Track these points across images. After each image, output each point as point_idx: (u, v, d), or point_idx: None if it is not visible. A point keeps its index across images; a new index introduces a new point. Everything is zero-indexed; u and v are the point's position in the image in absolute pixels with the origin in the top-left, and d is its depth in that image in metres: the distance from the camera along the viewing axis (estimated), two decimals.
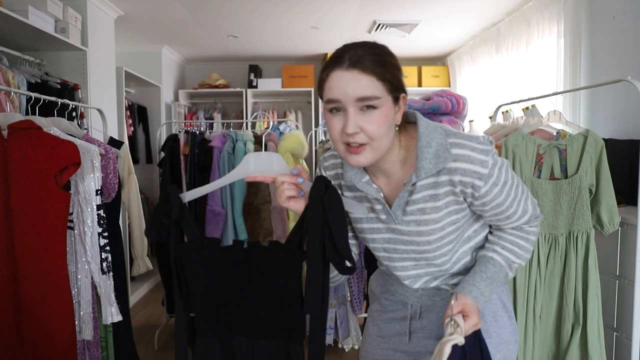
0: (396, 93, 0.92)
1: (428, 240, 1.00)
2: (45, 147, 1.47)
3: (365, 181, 1.01)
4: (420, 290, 1.09)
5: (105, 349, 1.78)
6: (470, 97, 3.32)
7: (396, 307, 1.15)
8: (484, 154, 0.92)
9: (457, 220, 0.99)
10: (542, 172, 1.80)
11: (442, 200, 0.96)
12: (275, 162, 0.95)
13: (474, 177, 0.92)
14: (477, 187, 0.93)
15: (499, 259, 1.02)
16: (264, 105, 5.38)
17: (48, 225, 1.49)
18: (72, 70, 2.86)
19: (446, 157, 0.92)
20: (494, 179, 0.93)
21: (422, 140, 0.94)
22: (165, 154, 2.82)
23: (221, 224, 2.60)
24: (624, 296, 1.76)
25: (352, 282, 2.61)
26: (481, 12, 3.58)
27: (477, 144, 0.93)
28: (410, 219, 0.99)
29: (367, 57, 0.88)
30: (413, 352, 1.12)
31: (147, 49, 4.61)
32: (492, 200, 0.96)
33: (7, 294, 1.51)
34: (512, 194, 0.98)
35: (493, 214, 1.00)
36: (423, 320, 1.10)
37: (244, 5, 3.39)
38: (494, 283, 0.99)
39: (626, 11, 2.39)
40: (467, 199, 0.97)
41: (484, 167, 0.92)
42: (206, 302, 1.00)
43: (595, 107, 2.65)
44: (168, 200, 0.95)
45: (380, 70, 0.88)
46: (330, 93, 0.90)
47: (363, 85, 0.87)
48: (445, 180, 0.94)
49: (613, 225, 1.75)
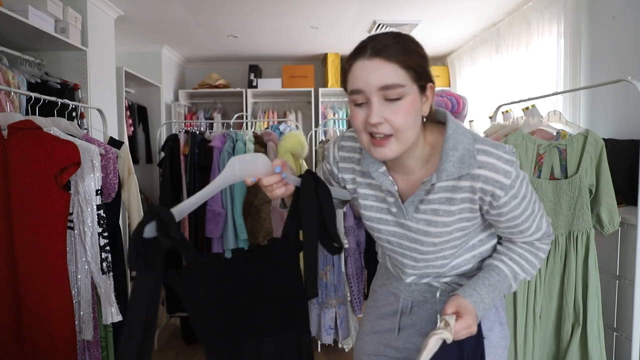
0: (422, 81, 0.89)
1: (434, 242, 0.99)
2: (45, 147, 1.48)
3: (382, 172, 0.99)
4: (412, 285, 1.11)
5: (105, 349, 1.78)
6: (470, 97, 3.33)
7: (389, 301, 1.16)
8: (509, 164, 0.91)
9: (466, 227, 0.98)
10: (542, 172, 1.80)
11: (457, 206, 0.95)
12: (260, 162, 0.94)
13: (496, 186, 0.91)
14: (496, 197, 0.92)
15: (505, 269, 1.00)
16: (264, 105, 5.38)
17: (48, 225, 1.49)
18: (72, 70, 2.86)
19: (471, 163, 0.90)
20: (515, 190, 0.92)
21: (449, 142, 0.92)
22: (165, 154, 2.82)
23: (221, 224, 2.60)
24: (624, 296, 1.76)
25: (352, 282, 2.61)
26: (481, 12, 3.58)
27: (503, 153, 0.91)
28: (422, 217, 0.98)
29: (390, 45, 0.86)
30: (403, 348, 1.13)
31: (147, 49, 4.61)
32: (509, 212, 0.94)
33: (7, 293, 1.51)
34: (530, 209, 0.96)
35: (507, 226, 0.99)
36: (413, 316, 1.12)
37: (244, 5, 3.39)
38: (496, 292, 0.98)
39: (626, 11, 2.39)
40: (483, 206, 0.95)
41: (507, 177, 0.90)
42: (214, 318, 0.95)
43: (595, 107, 2.65)
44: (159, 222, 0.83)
45: (403, 58, 0.86)
46: (353, 84, 0.89)
47: (385, 73, 0.85)
48: (465, 185, 0.93)
49: (613, 225, 1.75)
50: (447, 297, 1.05)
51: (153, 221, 0.82)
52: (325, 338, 2.65)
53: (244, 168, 0.93)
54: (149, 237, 0.82)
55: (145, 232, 0.82)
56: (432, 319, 1.10)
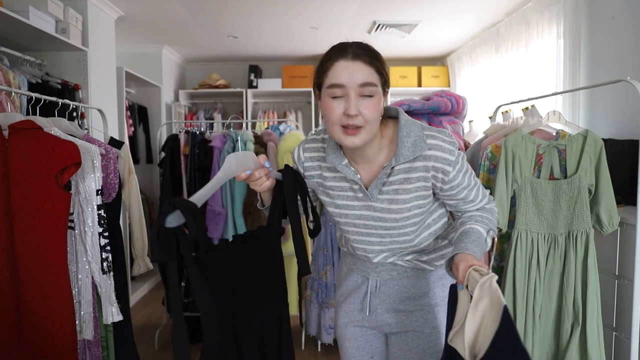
0: (385, 87, 1.09)
1: (395, 217, 1.16)
2: (46, 147, 1.48)
3: (345, 164, 1.15)
4: (379, 266, 1.26)
5: (106, 349, 1.78)
6: (470, 98, 3.33)
7: (357, 284, 1.31)
8: (452, 145, 1.11)
9: (422, 205, 1.16)
10: (541, 172, 1.80)
11: (413, 184, 1.13)
12: (250, 158, 1.07)
13: (444, 163, 1.10)
14: (446, 172, 1.10)
15: (476, 227, 1.13)
16: (264, 105, 5.39)
17: (49, 225, 1.50)
18: (72, 70, 2.86)
19: (422, 146, 1.09)
20: (459, 165, 1.11)
21: (403, 131, 1.10)
22: (165, 154, 2.82)
23: (221, 223, 2.61)
24: (623, 296, 1.76)
25: None
26: (481, 13, 3.58)
27: (446, 136, 1.11)
28: (385, 197, 1.15)
29: (366, 53, 1.05)
30: (376, 326, 1.29)
31: (148, 49, 4.61)
32: (459, 184, 1.13)
33: (7, 294, 1.51)
34: (473, 180, 1.17)
35: (459, 199, 1.16)
36: (381, 295, 1.27)
37: (244, 6, 3.39)
38: (480, 246, 1.09)
39: (626, 11, 2.39)
40: (437, 184, 1.13)
41: (452, 155, 1.10)
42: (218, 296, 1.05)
43: (594, 107, 2.66)
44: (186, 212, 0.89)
45: (377, 64, 1.06)
46: (335, 79, 1.04)
47: (365, 73, 1.03)
48: (419, 166, 1.11)
49: (612, 225, 1.75)
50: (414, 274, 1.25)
51: (174, 212, 0.88)
52: (325, 338, 2.66)
53: (239, 163, 1.05)
54: (171, 226, 0.88)
55: (168, 222, 0.88)
56: (397, 294, 1.26)
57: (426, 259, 1.25)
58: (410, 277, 1.26)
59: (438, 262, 1.26)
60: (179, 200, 0.89)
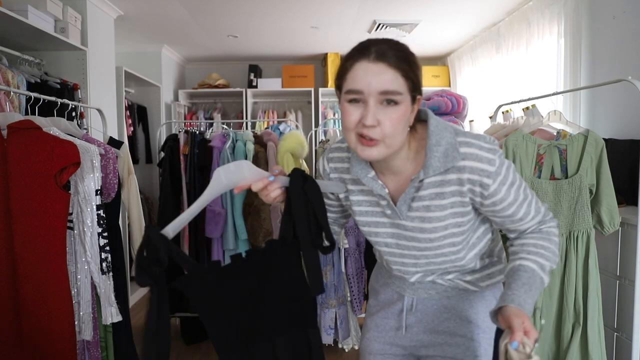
0: (415, 92, 0.92)
1: (430, 237, 1.01)
2: (45, 147, 1.47)
3: (371, 177, 1.02)
4: (416, 284, 1.12)
5: (105, 349, 1.78)
6: (470, 97, 3.33)
7: (392, 299, 1.17)
8: (491, 152, 0.93)
9: (461, 223, 1.00)
10: (542, 172, 1.80)
11: (447, 199, 0.97)
12: (245, 169, 0.96)
13: (482, 175, 0.93)
14: (485, 186, 0.94)
15: (529, 264, 0.97)
16: (264, 105, 5.38)
17: (48, 225, 1.49)
18: (71, 70, 2.85)
19: (455, 156, 0.93)
20: (502, 177, 0.94)
21: (432, 139, 0.95)
22: (165, 154, 2.82)
23: (221, 224, 2.60)
24: (625, 296, 1.76)
25: (352, 282, 2.61)
26: (481, 12, 3.58)
27: (484, 142, 0.94)
28: (415, 215, 1.00)
29: (393, 53, 0.89)
30: (408, 345, 1.15)
31: (147, 49, 4.61)
32: (502, 200, 0.96)
33: (6, 294, 1.51)
34: (522, 194, 0.98)
35: (505, 216, 0.99)
36: (418, 314, 1.13)
37: (244, 5, 3.38)
38: (533, 289, 0.94)
39: (626, 11, 2.39)
40: (475, 198, 0.97)
41: (491, 165, 0.93)
42: (223, 322, 1.00)
43: (595, 107, 2.65)
44: (152, 245, 0.89)
45: (404, 67, 0.89)
46: (353, 83, 0.90)
47: (387, 79, 0.88)
48: (453, 178, 0.95)
49: (613, 225, 1.75)
50: (456, 293, 1.10)
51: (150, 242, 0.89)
52: (325, 338, 2.65)
53: (230, 177, 0.95)
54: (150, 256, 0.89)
55: (146, 252, 0.89)
56: (436, 314, 1.11)
57: (470, 279, 1.10)
58: (451, 297, 1.11)
59: (484, 282, 1.11)
60: (152, 233, 0.89)
